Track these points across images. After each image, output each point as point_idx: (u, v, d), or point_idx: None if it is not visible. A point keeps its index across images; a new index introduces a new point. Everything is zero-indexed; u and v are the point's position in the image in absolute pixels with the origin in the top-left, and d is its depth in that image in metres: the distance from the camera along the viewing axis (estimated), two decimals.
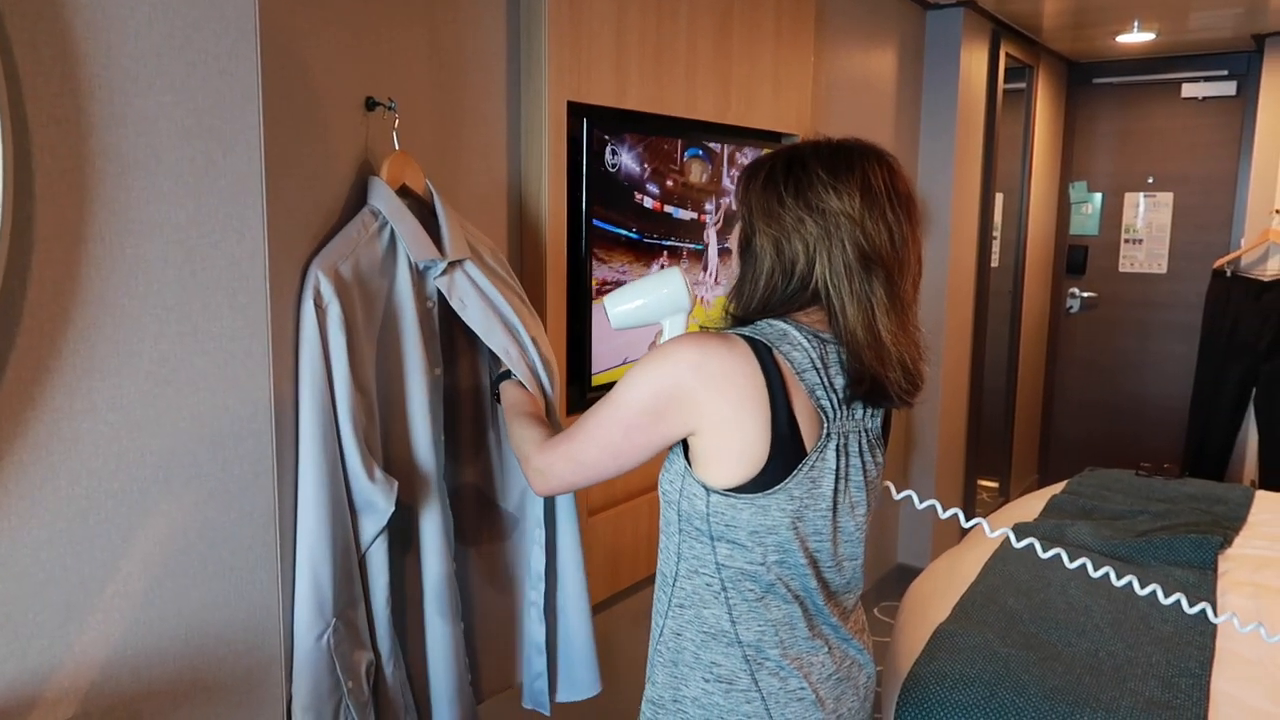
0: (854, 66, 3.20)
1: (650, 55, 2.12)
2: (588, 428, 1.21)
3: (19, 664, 1.09)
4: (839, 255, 1.15)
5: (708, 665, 1.21)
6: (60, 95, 1.06)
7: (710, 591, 1.20)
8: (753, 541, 1.17)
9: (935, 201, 3.77)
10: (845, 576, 1.26)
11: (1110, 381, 5.12)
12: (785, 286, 1.18)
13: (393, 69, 1.58)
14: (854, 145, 1.20)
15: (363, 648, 1.46)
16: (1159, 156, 4.86)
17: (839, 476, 1.20)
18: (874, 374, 1.16)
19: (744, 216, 1.22)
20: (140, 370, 1.17)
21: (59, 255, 1.08)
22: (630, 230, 2.11)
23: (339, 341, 1.37)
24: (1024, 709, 1.79)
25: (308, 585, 1.37)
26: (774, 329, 1.18)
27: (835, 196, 1.14)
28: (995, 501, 4.61)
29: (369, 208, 1.45)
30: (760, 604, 1.19)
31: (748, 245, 1.21)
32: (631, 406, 1.17)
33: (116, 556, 1.17)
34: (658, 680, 1.27)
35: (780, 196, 1.17)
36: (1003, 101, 4.03)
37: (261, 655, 1.35)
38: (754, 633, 1.20)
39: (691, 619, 1.22)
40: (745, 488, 1.15)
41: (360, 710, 1.44)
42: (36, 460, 1.08)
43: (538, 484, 1.29)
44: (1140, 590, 1.49)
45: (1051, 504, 2.93)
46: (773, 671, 1.20)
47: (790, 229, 1.16)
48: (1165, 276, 4.90)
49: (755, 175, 1.22)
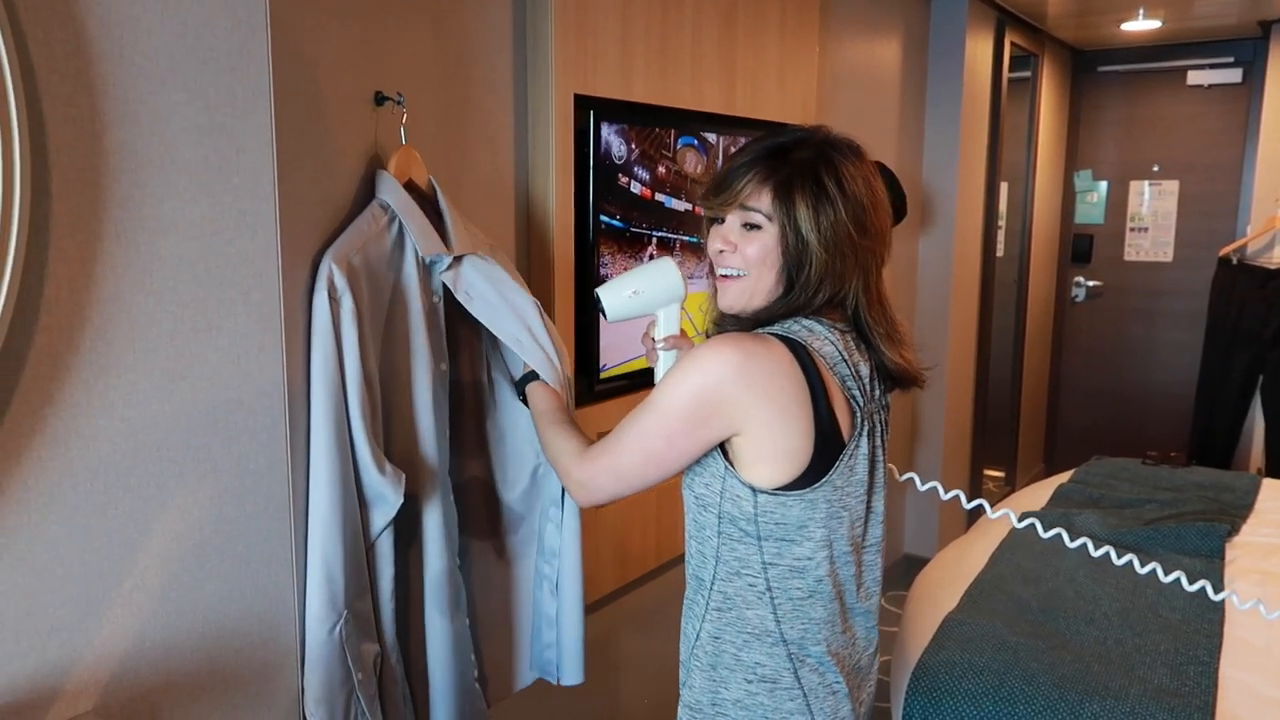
0: (858, 56, 3.19)
1: (656, 47, 2.13)
2: (627, 438, 1.19)
3: (39, 658, 1.10)
4: (870, 271, 1.20)
5: (750, 666, 1.21)
6: (75, 93, 1.06)
7: (754, 592, 1.20)
8: (802, 536, 1.18)
9: (940, 191, 3.77)
10: (876, 560, 1.29)
11: (1116, 370, 5.12)
12: (824, 302, 1.20)
13: (400, 64, 1.58)
14: (865, 154, 1.23)
15: (370, 639, 1.46)
16: (1164, 144, 4.85)
17: (872, 460, 1.23)
18: (897, 364, 1.22)
19: (795, 235, 1.17)
20: (156, 366, 1.18)
21: (75, 252, 1.08)
22: (628, 223, 2.11)
23: (351, 333, 1.37)
24: (1033, 697, 1.80)
25: (320, 578, 1.38)
26: (800, 326, 1.19)
27: (877, 216, 1.20)
28: (1001, 491, 4.61)
29: (378, 201, 1.45)
30: (806, 602, 1.20)
31: (799, 265, 1.18)
32: (673, 413, 1.16)
33: (134, 550, 1.18)
34: (695, 685, 1.26)
35: (848, 231, 1.16)
36: (1007, 90, 4.02)
37: (278, 648, 1.37)
38: (798, 630, 1.20)
39: (732, 621, 1.22)
40: (792, 484, 1.16)
41: (369, 703, 1.45)
42: (55, 456, 1.09)
43: (581, 497, 1.27)
44: (1140, 569, 1.49)
45: (1058, 493, 2.93)
46: (813, 668, 1.21)
47: (852, 260, 1.18)
48: (1171, 265, 4.89)
49: (797, 191, 1.16)
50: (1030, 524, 1.53)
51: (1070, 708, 1.77)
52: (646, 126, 2.11)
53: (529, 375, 1.52)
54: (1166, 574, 2.27)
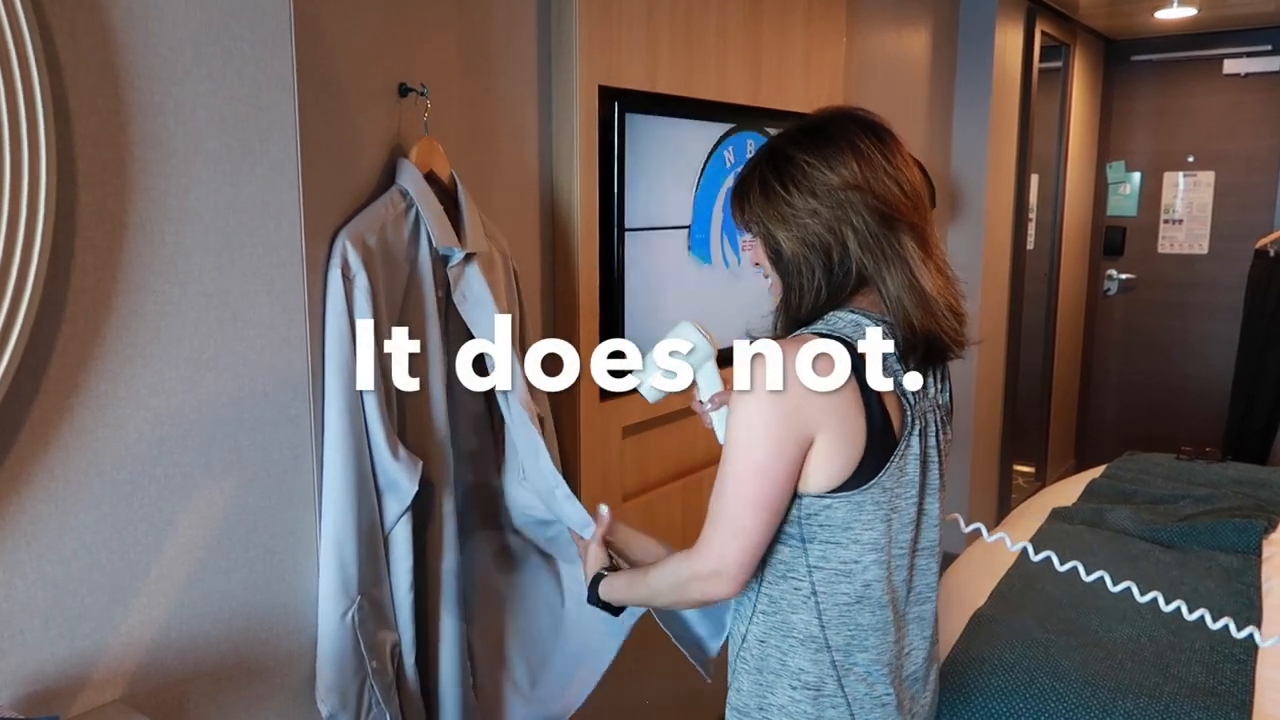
0: (886, 46, 3.16)
1: (681, 38, 2.11)
2: (725, 498, 1.13)
3: (69, 645, 1.11)
4: (861, 226, 1.13)
5: (795, 672, 1.18)
6: (100, 84, 1.07)
7: (799, 596, 1.17)
8: (848, 539, 1.15)
9: (969, 183, 3.72)
10: (930, 565, 1.25)
11: (1149, 365, 5.03)
12: (829, 278, 1.15)
13: (424, 55, 1.58)
14: (824, 117, 1.19)
15: (387, 628, 1.45)
16: (1199, 135, 4.76)
17: (924, 460, 1.19)
18: (927, 332, 1.15)
19: (760, 234, 1.20)
20: (181, 356, 1.18)
21: (101, 242, 1.09)
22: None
23: (366, 313, 1.35)
24: (1064, 695, 1.77)
25: (333, 562, 1.36)
26: (844, 321, 1.15)
27: (831, 172, 1.13)
28: (1031, 487, 4.56)
29: (397, 187, 1.45)
30: (853, 607, 1.17)
31: (779, 257, 1.18)
32: (756, 450, 1.11)
33: (160, 540, 1.19)
34: (743, 688, 1.24)
35: (783, 196, 1.15)
36: (1038, 81, 3.96)
37: (303, 638, 1.37)
38: (844, 636, 1.17)
39: (778, 625, 1.19)
40: (840, 487, 1.13)
41: (384, 692, 1.43)
42: (82, 446, 1.10)
43: (721, 588, 1.15)
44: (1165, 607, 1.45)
45: (1090, 488, 2.88)
46: (861, 677, 1.18)
47: (808, 221, 1.14)
48: (1206, 257, 4.80)
49: (748, 190, 1.19)
50: (1063, 515, 1.52)
51: (1102, 705, 1.73)
52: (671, 118, 2.09)
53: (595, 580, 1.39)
54: (1207, 574, 2.23)
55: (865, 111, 1.19)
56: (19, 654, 1.07)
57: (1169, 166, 4.85)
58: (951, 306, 1.17)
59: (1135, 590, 1.47)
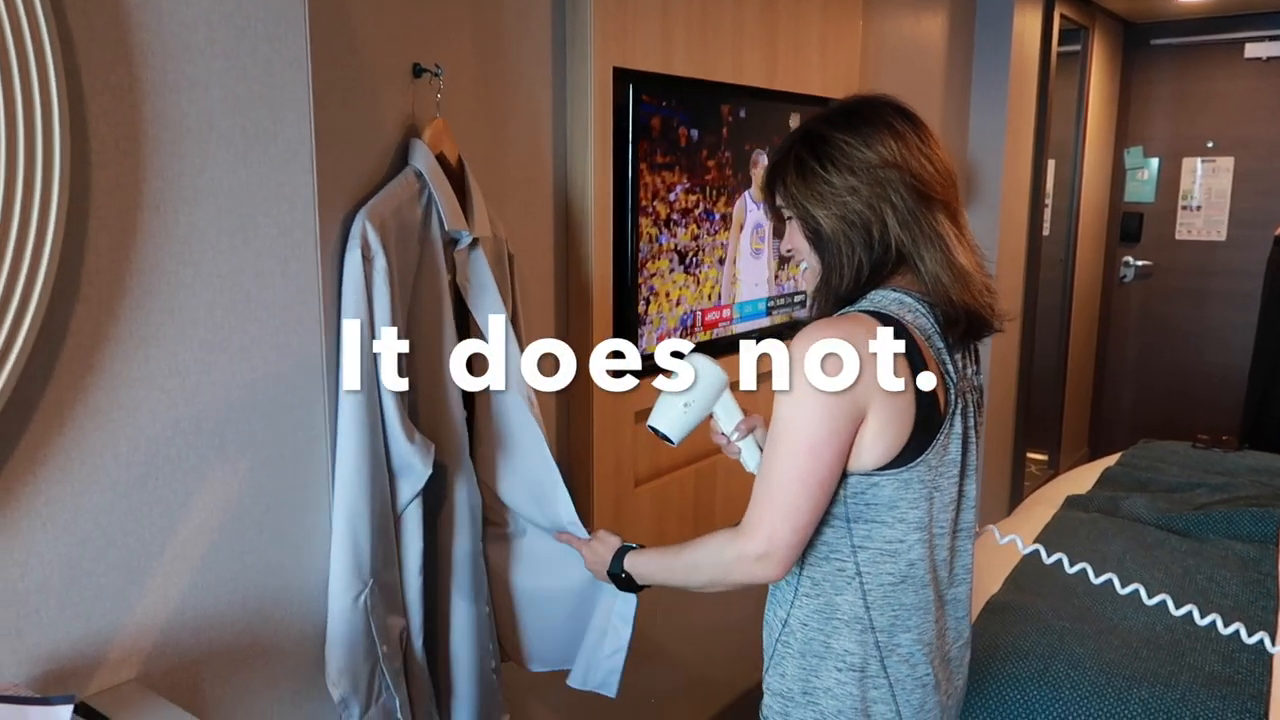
0: (903, 29, 3.12)
1: (696, 19, 2.09)
2: (775, 478, 1.12)
3: (84, 625, 1.11)
4: (900, 203, 1.14)
5: (840, 654, 1.18)
6: (114, 61, 1.06)
7: (843, 577, 1.17)
8: (893, 518, 1.15)
9: (985, 168, 3.69)
10: (967, 546, 1.25)
11: (1165, 352, 5.00)
12: (870, 256, 1.15)
13: (438, 35, 1.56)
14: (858, 100, 1.20)
15: (397, 613, 1.45)
16: (1219, 120, 4.70)
17: (965, 441, 1.19)
18: (966, 307, 1.15)
19: (798, 214, 1.19)
20: (195, 338, 1.18)
21: (114, 222, 1.08)
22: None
23: (384, 294, 1.33)
24: (1079, 682, 1.76)
25: (345, 544, 1.35)
26: (887, 299, 1.15)
27: (869, 150, 1.14)
28: (1044, 474, 4.53)
29: (411, 168, 1.44)
30: (897, 587, 1.17)
31: (818, 236, 1.18)
32: (808, 428, 1.09)
33: (174, 521, 1.19)
34: (786, 672, 1.23)
35: (821, 175, 1.16)
36: (1056, 64, 3.92)
37: (317, 620, 1.37)
38: (888, 617, 1.17)
39: (821, 607, 1.19)
40: (889, 464, 1.12)
41: (394, 677, 1.43)
42: (97, 426, 1.10)
43: (769, 571, 1.13)
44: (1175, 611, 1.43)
45: (1105, 476, 2.87)
46: (903, 658, 1.18)
47: (847, 199, 1.14)
48: (1224, 244, 4.75)
49: (782, 173, 1.20)
50: (1077, 503, 1.50)
51: (1117, 693, 1.72)
52: (687, 100, 2.07)
53: (619, 555, 1.36)
54: (1224, 564, 2.21)
55: (894, 97, 1.20)
56: (35, 633, 1.07)
57: (1187, 152, 4.80)
58: (985, 284, 1.18)
59: (1143, 593, 1.46)
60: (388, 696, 1.43)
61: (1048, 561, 1.48)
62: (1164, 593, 2.06)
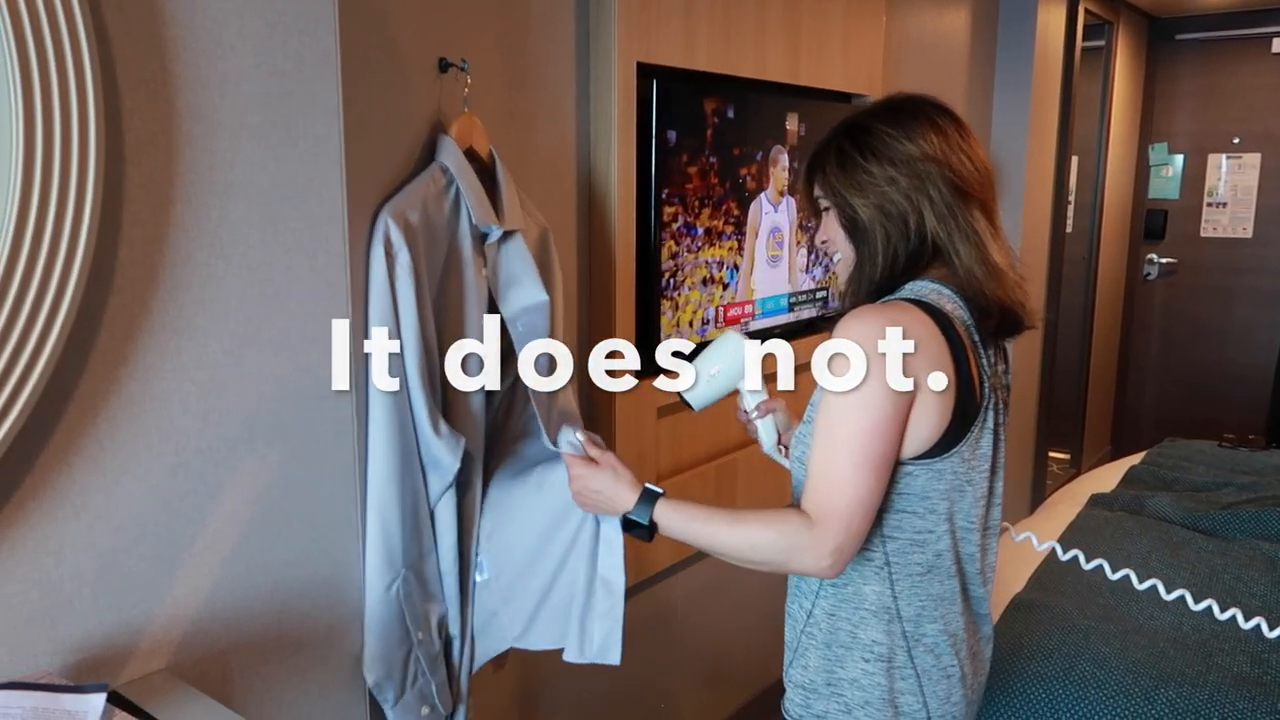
0: (926, 24, 3.10)
1: (719, 15, 2.08)
2: (838, 464, 1.08)
3: (116, 615, 1.12)
4: (938, 198, 1.15)
5: (867, 645, 1.18)
6: (148, 56, 1.07)
7: (871, 567, 1.17)
8: (924, 508, 1.15)
9: (1008, 164, 3.66)
10: (993, 545, 1.25)
11: (1190, 350, 4.95)
12: (906, 247, 1.16)
13: (464, 30, 1.57)
14: (902, 97, 1.22)
15: (433, 600, 1.47)
16: (1246, 116, 4.65)
17: (995, 437, 1.20)
18: (1001, 303, 1.16)
19: (836, 203, 1.20)
20: (226, 330, 1.19)
21: (147, 215, 1.09)
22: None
23: (408, 290, 1.35)
24: (1105, 682, 1.74)
25: (377, 534, 1.38)
26: (925, 289, 1.16)
27: (911, 143, 1.15)
28: (1066, 473, 4.50)
29: (438, 164, 1.44)
30: (924, 578, 1.17)
31: (854, 226, 1.18)
32: (869, 410, 1.07)
33: (205, 512, 1.20)
34: (810, 664, 1.22)
35: (861, 165, 1.17)
36: (1080, 60, 3.89)
37: (345, 611, 1.38)
38: (915, 607, 1.17)
39: (849, 597, 1.19)
40: (923, 454, 1.12)
41: (430, 662, 1.45)
42: (130, 417, 1.11)
43: (838, 565, 1.09)
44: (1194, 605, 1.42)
45: (1130, 475, 2.84)
46: (929, 648, 1.18)
47: (886, 189, 1.15)
48: (1250, 241, 4.70)
49: (823, 162, 1.21)
50: (1102, 502, 1.49)
51: (1144, 693, 1.71)
52: (709, 95, 2.07)
53: (644, 499, 1.26)
54: (1250, 564, 2.19)
55: (936, 97, 1.22)
56: (69, 623, 1.08)
57: (1213, 148, 4.75)
58: (1018, 281, 1.19)
59: (1161, 588, 1.45)
60: (424, 681, 1.46)
61: (1064, 558, 1.48)
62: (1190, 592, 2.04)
